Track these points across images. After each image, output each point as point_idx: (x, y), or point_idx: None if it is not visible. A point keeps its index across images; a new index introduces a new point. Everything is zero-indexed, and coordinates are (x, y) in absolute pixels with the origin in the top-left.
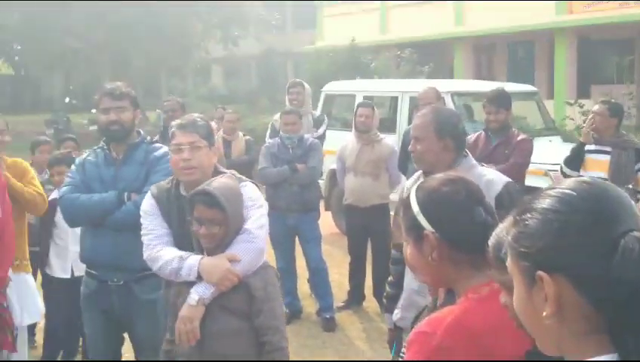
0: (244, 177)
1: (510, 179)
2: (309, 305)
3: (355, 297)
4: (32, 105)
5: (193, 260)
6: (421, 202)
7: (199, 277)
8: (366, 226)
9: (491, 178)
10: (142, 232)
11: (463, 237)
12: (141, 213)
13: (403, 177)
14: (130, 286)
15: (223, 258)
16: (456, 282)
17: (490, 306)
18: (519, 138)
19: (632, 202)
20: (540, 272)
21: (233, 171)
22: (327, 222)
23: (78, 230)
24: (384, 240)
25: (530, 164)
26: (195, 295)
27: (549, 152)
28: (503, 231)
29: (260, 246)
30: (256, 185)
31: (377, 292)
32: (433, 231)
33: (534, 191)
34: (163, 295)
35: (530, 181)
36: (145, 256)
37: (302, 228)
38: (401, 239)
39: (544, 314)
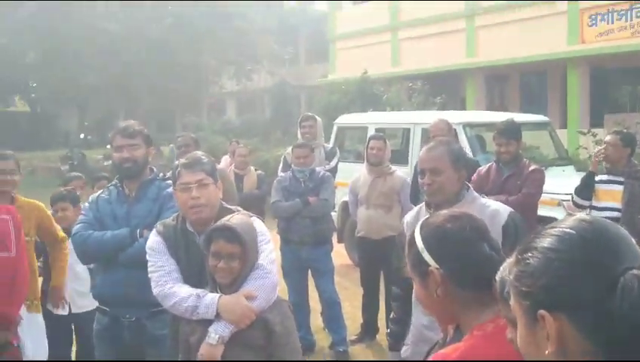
0: (250, 213)
1: (513, 209)
2: (323, 338)
3: (369, 330)
4: (47, 141)
5: (211, 298)
6: (425, 239)
7: (217, 315)
8: (378, 258)
9: (496, 208)
10: (149, 269)
11: (467, 274)
12: (147, 250)
13: None
14: (143, 323)
15: (241, 296)
16: (462, 318)
17: (496, 343)
18: (531, 168)
19: (633, 240)
20: (541, 311)
21: (238, 207)
22: (340, 254)
23: (76, 267)
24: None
25: (543, 195)
26: (215, 334)
27: (563, 182)
28: (505, 270)
29: (274, 281)
30: (262, 219)
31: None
32: (438, 267)
33: (548, 221)
34: (171, 331)
35: (543, 211)
36: (155, 292)
37: (314, 261)
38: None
39: (546, 352)
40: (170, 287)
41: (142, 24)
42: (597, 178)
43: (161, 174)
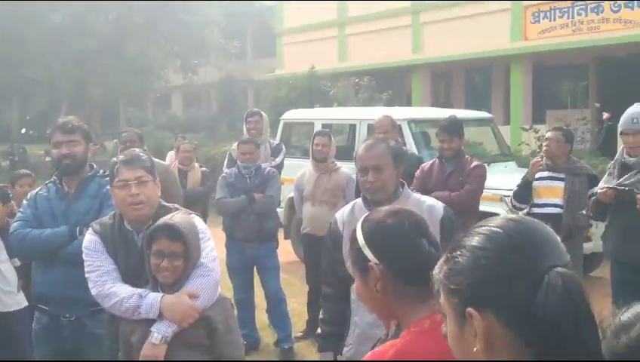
0: (190, 211)
1: (453, 205)
2: (268, 335)
3: (314, 327)
4: None
5: (153, 298)
6: (366, 234)
7: (160, 315)
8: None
9: (431, 203)
10: (86, 269)
11: (406, 269)
12: (84, 249)
13: None
14: (83, 322)
15: (184, 295)
16: (401, 315)
17: (432, 339)
18: (473, 165)
19: (558, 239)
20: (469, 309)
21: (176, 205)
22: (285, 250)
23: (1, 266)
24: None
25: (486, 190)
26: (158, 334)
27: (504, 178)
28: (436, 268)
29: (216, 278)
30: (203, 217)
31: None
32: (377, 262)
33: (489, 217)
34: (109, 331)
35: (485, 207)
36: (94, 292)
37: (260, 257)
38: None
39: (474, 349)
40: (110, 287)
41: (86, 15)
42: (537, 175)
43: (101, 171)
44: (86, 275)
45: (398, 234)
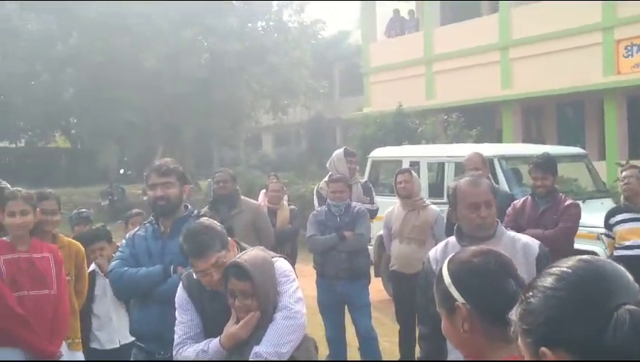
0: (274, 253)
1: (548, 243)
2: None
3: None
4: (87, 177)
5: (214, 345)
6: (453, 274)
7: (229, 349)
8: (413, 293)
9: (526, 241)
10: (176, 323)
11: (493, 309)
12: (176, 305)
13: None
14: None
15: (231, 327)
16: (488, 354)
17: None
18: (567, 203)
19: (630, 278)
20: (542, 348)
21: (262, 247)
22: (376, 288)
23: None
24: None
25: (582, 228)
26: None
27: (601, 215)
28: (514, 309)
29: (302, 321)
30: (287, 258)
31: None
32: (464, 302)
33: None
34: None
35: (581, 245)
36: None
37: (350, 295)
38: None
39: None
40: (179, 354)
41: (178, 60)
42: (615, 219)
43: (195, 211)
44: (175, 328)
45: (484, 274)
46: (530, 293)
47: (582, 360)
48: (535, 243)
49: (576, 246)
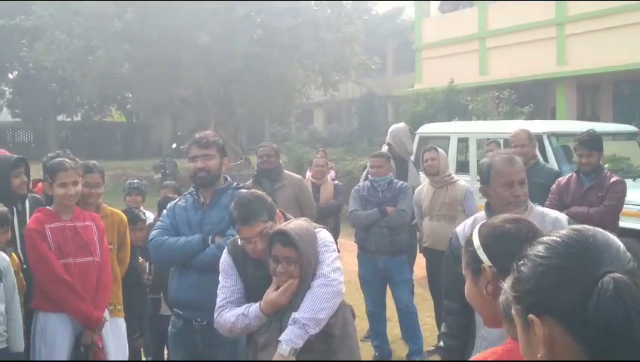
0: (318, 224)
1: (595, 220)
2: (400, 348)
3: None
4: (142, 150)
5: (254, 310)
6: (483, 237)
7: (268, 314)
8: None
9: (556, 216)
10: (219, 286)
11: None
12: (220, 269)
13: None
14: (213, 326)
15: (271, 293)
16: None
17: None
18: (612, 180)
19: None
20: (530, 315)
21: (306, 218)
22: (421, 264)
23: None
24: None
25: (629, 206)
26: (287, 346)
27: None
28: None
29: (339, 289)
30: (330, 230)
31: None
32: (490, 265)
33: (630, 233)
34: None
35: (627, 223)
36: (215, 324)
37: (391, 270)
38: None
39: (539, 355)
40: (220, 316)
41: (232, 37)
42: None
43: (235, 183)
44: (217, 292)
45: (513, 239)
46: (522, 262)
47: (568, 326)
48: (564, 218)
49: (623, 224)
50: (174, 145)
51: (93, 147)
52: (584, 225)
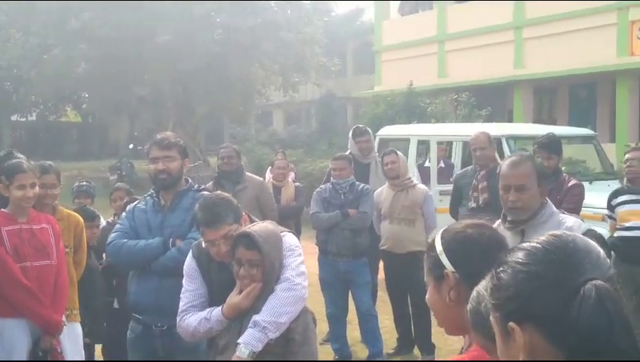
0: (284, 228)
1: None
2: (359, 350)
3: (404, 344)
4: (97, 151)
5: (216, 314)
6: (445, 242)
7: (230, 318)
8: (404, 273)
9: (570, 225)
10: (182, 291)
11: (480, 280)
12: (184, 273)
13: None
14: (174, 331)
15: (234, 297)
16: (469, 325)
17: None
18: (570, 183)
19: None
20: (510, 323)
21: (272, 221)
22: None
23: None
24: (421, 287)
25: (588, 209)
26: (246, 348)
27: (607, 197)
28: (482, 287)
29: (302, 293)
30: (295, 233)
31: (418, 340)
32: (453, 271)
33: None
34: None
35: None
36: (177, 329)
37: (353, 273)
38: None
39: None
40: (182, 320)
41: (191, 36)
42: (617, 200)
43: (196, 185)
44: (181, 296)
45: (476, 245)
46: (501, 268)
47: (548, 334)
48: (580, 229)
49: None
50: (131, 146)
51: (49, 147)
52: (564, 231)
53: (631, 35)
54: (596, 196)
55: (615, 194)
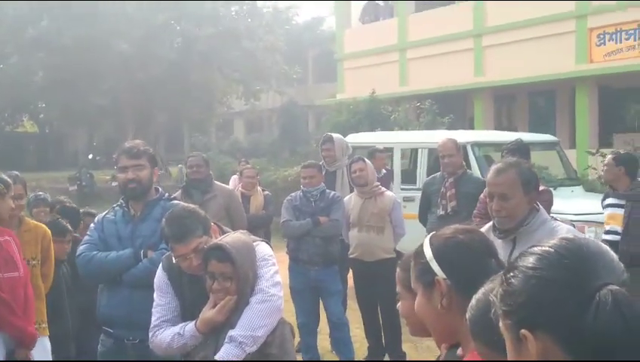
0: (256, 237)
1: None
2: (330, 359)
3: (376, 352)
4: (56, 162)
5: (190, 329)
6: (435, 249)
7: (204, 333)
8: (372, 281)
9: (567, 232)
10: (153, 304)
11: (474, 287)
12: (154, 287)
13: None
14: (146, 345)
15: (207, 311)
16: (463, 334)
17: None
18: (539, 189)
19: (615, 257)
20: (522, 331)
21: (244, 231)
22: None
23: None
24: (391, 295)
25: (553, 215)
26: None
27: (572, 203)
28: (490, 293)
29: (277, 304)
30: (268, 241)
31: (389, 348)
32: (445, 277)
33: None
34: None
35: None
36: (150, 344)
37: (324, 281)
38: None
39: None
40: (157, 336)
41: (150, 44)
42: (605, 202)
43: (166, 194)
44: (152, 310)
45: (467, 250)
46: (511, 274)
47: (562, 341)
48: (575, 233)
49: None
50: (91, 156)
51: (5, 158)
52: (575, 234)
53: (589, 42)
54: (562, 202)
55: (604, 197)
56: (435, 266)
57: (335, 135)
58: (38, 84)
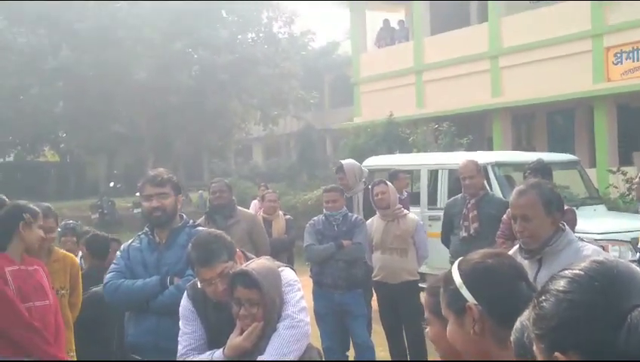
0: (280, 263)
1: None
2: None
3: None
4: (77, 190)
5: (218, 355)
6: (464, 274)
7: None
8: (397, 303)
9: (589, 254)
10: (179, 333)
11: (506, 311)
12: (180, 315)
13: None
14: None
15: (235, 338)
16: (496, 357)
17: None
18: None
19: None
20: (556, 353)
21: (267, 256)
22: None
23: None
24: (416, 317)
25: (579, 235)
26: None
27: (595, 222)
28: (525, 317)
29: (305, 330)
30: (291, 266)
31: None
32: (476, 303)
33: None
34: None
35: None
36: None
37: (349, 304)
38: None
39: None
40: None
41: (169, 72)
42: None
43: (191, 221)
44: (179, 339)
45: (498, 275)
46: (543, 297)
47: None
48: (601, 254)
49: None
50: (112, 184)
51: (27, 188)
52: (605, 257)
53: (606, 61)
54: (585, 221)
55: None
56: (465, 292)
57: (346, 162)
58: (59, 114)
